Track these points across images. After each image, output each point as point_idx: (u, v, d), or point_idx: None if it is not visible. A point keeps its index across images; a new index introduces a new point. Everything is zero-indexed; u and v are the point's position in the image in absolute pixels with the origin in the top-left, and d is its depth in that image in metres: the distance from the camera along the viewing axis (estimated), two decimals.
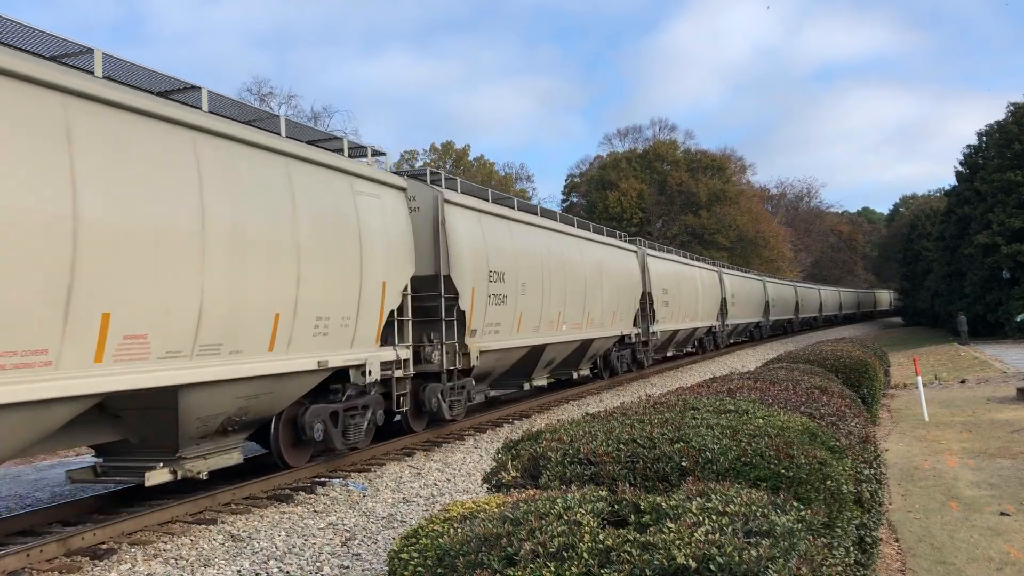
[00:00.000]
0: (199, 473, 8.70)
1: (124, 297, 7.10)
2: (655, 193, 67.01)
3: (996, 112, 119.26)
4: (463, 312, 13.50)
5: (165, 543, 7.67)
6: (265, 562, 7.23)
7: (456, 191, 14.49)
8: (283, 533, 8.09)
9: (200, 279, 7.90)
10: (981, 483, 9.55)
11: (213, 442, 8.94)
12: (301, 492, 9.66)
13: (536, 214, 18.23)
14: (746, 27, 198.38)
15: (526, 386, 17.68)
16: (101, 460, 8.82)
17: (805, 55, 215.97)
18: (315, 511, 8.98)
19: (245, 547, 7.63)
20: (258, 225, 8.76)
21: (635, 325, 23.75)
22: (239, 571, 7.00)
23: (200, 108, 8.74)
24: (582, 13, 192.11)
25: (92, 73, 7.50)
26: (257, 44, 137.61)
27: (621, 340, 22.79)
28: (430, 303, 13.22)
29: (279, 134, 10.02)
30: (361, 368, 10.82)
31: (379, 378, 11.22)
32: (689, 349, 33.69)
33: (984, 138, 45.49)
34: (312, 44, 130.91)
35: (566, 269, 18.09)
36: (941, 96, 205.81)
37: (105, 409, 7.80)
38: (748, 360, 30.30)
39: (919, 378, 16.61)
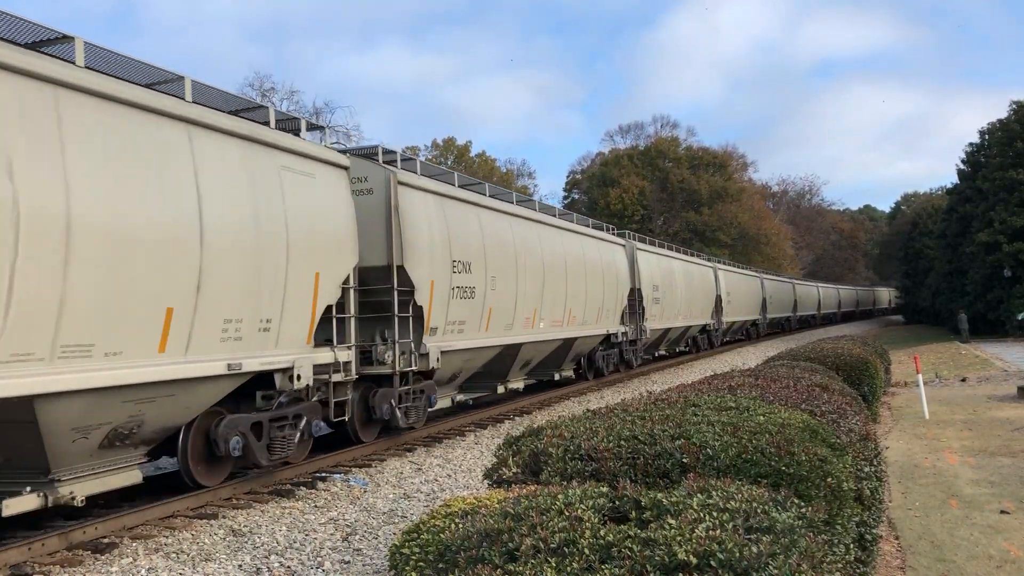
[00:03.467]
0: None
1: None
2: (657, 190, 66.97)
3: (997, 109, 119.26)
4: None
5: (166, 537, 7.69)
6: (266, 557, 7.25)
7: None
8: (284, 528, 8.11)
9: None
10: (981, 481, 9.56)
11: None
12: (302, 487, 9.68)
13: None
14: (744, 22, 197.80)
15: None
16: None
17: (804, 50, 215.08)
18: (316, 506, 9.00)
19: (246, 542, 7.65)
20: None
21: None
22: (240, 565, 7.02)
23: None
24: (579, 7, 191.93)
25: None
26: (252, 37, 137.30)
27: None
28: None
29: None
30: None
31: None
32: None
33: (986, 136, 45.44)
34: (307, 37, 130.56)
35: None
36: (942, 93, 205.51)
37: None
38: (746, 358, 30.27)
39: (919, 376, 16.60)
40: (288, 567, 7.01)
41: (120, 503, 8.95)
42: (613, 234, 23.83)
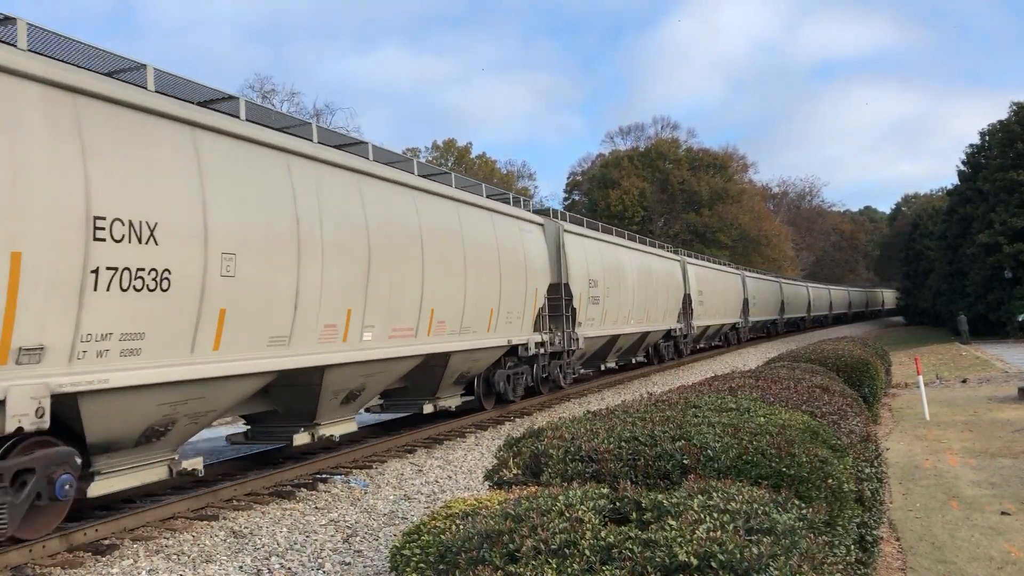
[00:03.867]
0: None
1: None
2: (657, 191, 67.02)
3: (997, 110, 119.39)
4: None
5: (167, 539, 7.69)
6: (267, 558, 7.25)
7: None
8: (285, 529, 8.11)
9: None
10: (982, 482, 9.56)
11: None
12: (303, 488, 9.68)
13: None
14: (744, 23, 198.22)
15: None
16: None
17: (804, 51, 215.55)
18: (317, 507, 9.01)
19: (247, 543, 7.65)
20: None
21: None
22: (240, 567, 7.02)
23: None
24: (579, 8, 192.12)
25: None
26: (252, 38, 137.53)
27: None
28: None
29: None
30: None
31: None
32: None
33: (986, 137, 45.46)
34: (306, 38, 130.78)
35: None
36: (942, 93, 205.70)
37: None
38: (746, 359, 30.23)
39: (920, 377, 16.61)
40: (289, 568, 7.01)
41: (121, 504, 8.96)
42: (527, 209, 17.89)
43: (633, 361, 25.78)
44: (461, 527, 3.46)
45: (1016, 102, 41.68)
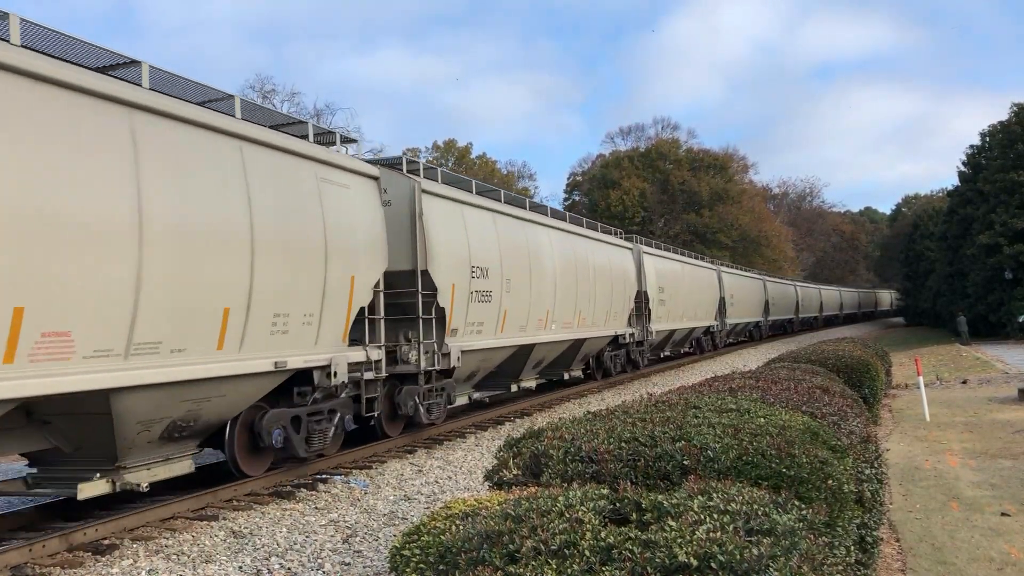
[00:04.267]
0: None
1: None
2: (657, 192, 66.99)
3: (997, 110, 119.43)
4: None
5: (167, 539, 7.69)
6: (267, 559, 7.25)
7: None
8: (284, 530, 8.11)
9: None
10: (982, 483, 9.55)
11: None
12: (303, 488, 9.68)
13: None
14: (744, 23, 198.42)
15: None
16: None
17: (804, 52, 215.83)
18: (316, 508, 9.01)
19: (247, 543, 7.65)
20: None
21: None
22: (240, 567, 7.02)
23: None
24: (579, 8, 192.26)
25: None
26: (252, 38, 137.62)
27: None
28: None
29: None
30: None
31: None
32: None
33: (987, 138, 45.47)
34: (306, 38, 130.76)
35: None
36: (942, 94, 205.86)
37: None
38: (746, 360, 30.19)
39: (920, 378, 16.61)
40: (288, 568, 7.01)
41: (121, 504, 8.96)
42: (347, 150, 11.74)
43: (566, 377, 19.69)
44: (461, 527, 3.46)
45: (1016, 103, 41.70)
